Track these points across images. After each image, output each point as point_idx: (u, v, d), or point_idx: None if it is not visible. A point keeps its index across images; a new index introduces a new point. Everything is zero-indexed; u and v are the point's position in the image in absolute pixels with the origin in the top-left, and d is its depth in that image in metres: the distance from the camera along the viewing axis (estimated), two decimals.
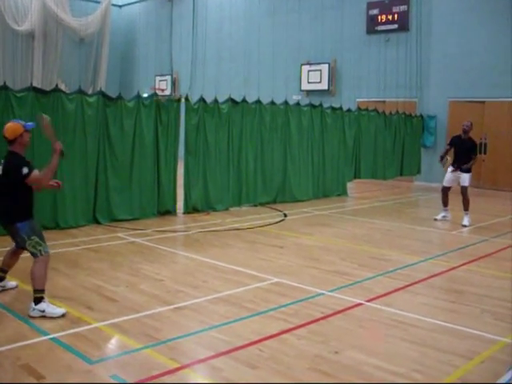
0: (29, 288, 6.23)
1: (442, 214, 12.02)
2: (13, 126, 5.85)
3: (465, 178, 11.60)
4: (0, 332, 5.19)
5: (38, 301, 5.59)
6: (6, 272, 6.34)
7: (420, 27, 19.39)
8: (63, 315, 5.55)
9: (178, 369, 4.48)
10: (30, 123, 6.08)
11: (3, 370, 4.44)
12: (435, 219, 12.00)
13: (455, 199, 12.16)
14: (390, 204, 14.85)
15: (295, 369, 4.55)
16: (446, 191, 11.94)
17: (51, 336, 5.07)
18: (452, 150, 11.83)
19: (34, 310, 5.56)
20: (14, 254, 6.28)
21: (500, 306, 6.36)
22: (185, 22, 27.02)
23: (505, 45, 17.28)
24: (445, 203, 11.96)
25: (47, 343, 4.94)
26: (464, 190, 11.56)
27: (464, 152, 11.57)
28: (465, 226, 11.35)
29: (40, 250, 5.76)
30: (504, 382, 4.36)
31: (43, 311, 5.54)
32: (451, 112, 18.94)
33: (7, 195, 5.79)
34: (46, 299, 5.65)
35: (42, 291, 5.66)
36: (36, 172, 5.78)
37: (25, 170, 5.69)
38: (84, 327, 5.32)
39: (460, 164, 11.59)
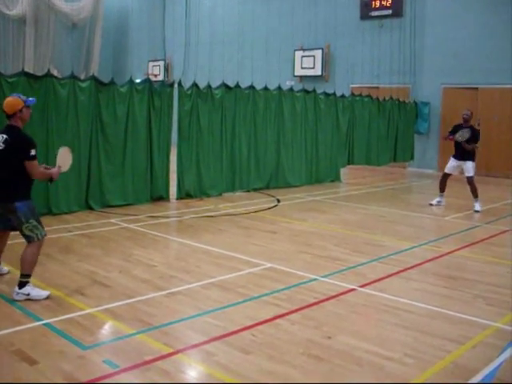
0: (14, 271, 6.24)
1: (437, 199, 12.06)
2: (12, 101, 5.69)
3: (469, 168, 11.61)
4: None
5: (22, 285, 5.57)
6: None
7: (414, 13, 19.33)
8: (48, 297, 5.59)
9: (171, 354, 4.49)
10: (31, 98, 5.92)
11: None
12: (430, 204, 12.04)
13: (452, 186, 12.16)
14: (384, 190, 14.87)
15: (288, 353, 4.56)
16: (445, 177, 11.98)
17: (44, 322, 5.06)
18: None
19: (18, 293, 5.55)
20: (2, 237, 6.14)
21: (492, 291, 6.38)
22: (178, 6, 26.81)
23: (499, 31, 17.25)
24: (442, 189, 12.00)
25: (40, 329, 4.93)
26: (470, 179, 11.59)
27: (466, 141, 11.57)
28: (477, 211, 11.39)
29: (37, 234, 5.67)
30: (494, 367, 4.40)
31: (28, 294, 5.53)
32: (445, 98, 18.95)
33: (7, 170, 5.59)
34: (31, 283, 5.64)
35: (29, 276, 5.63)
36: (36, 162, 5.66)
37: (32, 152, 5.56)
38: (77, 313, 5.31)
39: (462, 153, 11.61)
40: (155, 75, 26.61)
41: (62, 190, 9.87)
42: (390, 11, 19.96)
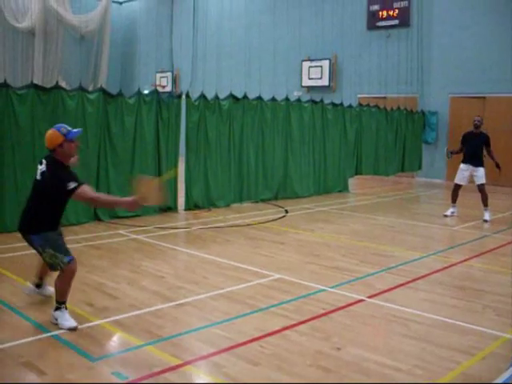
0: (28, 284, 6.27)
1: (451, 210, 12.00)
2: (51, 135, 5.36)
3: (480, 176, 11.60)
4: (2, 329, 5.20)
5: (56, 308, 5.35)
6: (41, 279, 6.00)
7: (421, 23, 19.37)
8: (72, 329, 5.17)
9: (179, 365, 4.48)
10: (74, 130, 5.48)
11: (5, 367, 4.44)
12: (445, 215, 11.95)
13: (460, 195, 12.10)
14: (392, 200, 14.84)
15: (297, 365, 4.55)
16: (457, 189, 11.94)
17: (53, 333, 5.07)
18: (463, 147, 11.88)
19: (52, 315, 5.36)
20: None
21: (502, 301, 6.34)
22: (185, 18, 27.00)
23: (506, 40, 17.25)
24: (454, 200, 11.97)
25: (49, 340, 4.95)
26: (482, 187, 11.55)
27: (477, 146, 11.58)
28: (486, 220, 11.36)
29: (58, 263, 5.32)
30: (505, 379, 4.36)
31: (56, 319, 5.30)
32: (452, 108, 18.95)
33: (37, 201, 5.35)
34: (64, 309, 5.33)
35: (62, 303, 5.35)
36: (85, 188, 5.26)
37: (71, 185, 5.16)
38: (86, 324, 5.32)
39: (474, 160, 11.61)
40: (163, 86, 26.77)
41: (70, 202, 9.84)
42: (397, 21, 20.01)
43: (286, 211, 12.21)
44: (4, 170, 9.21)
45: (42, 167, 5.36)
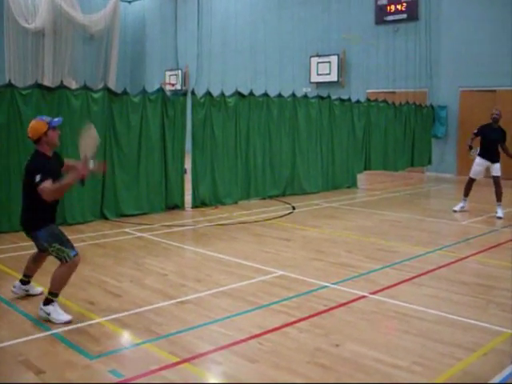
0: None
1: (461, 205, 11.84)
2: (35, 125, 5.39)
3: (497, 168, 11.47)
4: (3, 328, 5.22)
5: (47, 302, 5.34)
6: (29, 277, 6.02)
7: (429, 16, 19.20)
8: (67, 322, 5.24)
9: (177, 363, 4.47)
10: (56, 119, 5.58)
11: (4, 365, 4.47)
12: (454, 211, 11.82)
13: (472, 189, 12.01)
14: (401, 195, 14.76)
15: (294, 362, 4.52)
16: (471, 182, 11.78)
17: (53, 332, 5.08)
18: (479, 140, 11.69)
19: (40, 309, 5.35)
20: (37, 259, 5.95)
21: (507, 296, 6.27)
22: (191, 15, 26.97)
23: None
24: (466, 194, 11.82)
25: (49, 339, 4.96)
26: (497, 179, 11.42)
27: (496, 141, 11.45)
28: (500, 217, 11.13)
29: (64, 257, 5.36)
30: (504, 376, 4.31)
31: (48, 314, 5.28)
32: (462, 102, 18.77)
33: (27, 197, 5.46)
34: (56, 303, 5.36)
35: (56, 295, 5.37)
36: (48, 183, 5.20)
37: (37, 178, 5.19)
38: (86, 322, 5.32)
39: (491, 154, 11.48)
40: (172, 84, 26.79)
41: (76, 201, 9.92)
42: (405, 15, 19.85)
43: (294, 208, 12.17)
44: (10, 170, 9.25)
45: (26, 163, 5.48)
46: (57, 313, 5.30)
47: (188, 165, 11.92)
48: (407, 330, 5.22)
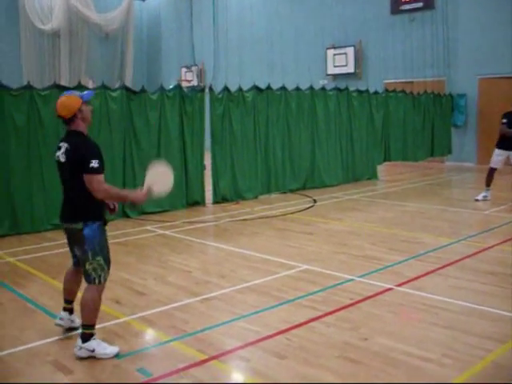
0: (55, 283, 6.31)
1: (483, 194, 11.71)
2: (67, 101, 4.58)
3: None
4: (30, 328, 5.24)
5: (86, 338, 4.57)
6: (71, 302, 5.10)
7: (446, 4, 18.96)
8: (116, 355, 4.57)
9: (205, 360, 4.46)
10: (87, 92, 4.89)
11: (32, 365, 4.48)
12: (476, 200, 11.69)
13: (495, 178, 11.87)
14: (422, 186, 14.63)
15: (324, 357, 4.49)
16: (492, 172, 11.65)
17: (80, 331, 5.08)
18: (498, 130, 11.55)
19: (80, 348, 4.55)
20: (75, 277, 5.02)
21: None
22: (206, 11, 26.93)
23: None
24: (488, 184, 11.70)
25: (76, 338, 4.95)
26: None
27: None
28: None
29: (100, 276, 4.62)
30: None
31: (93, 351, 4.53)
32: (481, 89, 18.54)
33: (75, 188, 4.60)
34: (96, 336, 4.65)
35: (92, 327, 4.62)
36: (101, 177, 4.54)
37: (93, 163, 4.45)
38: (112, 321, 5.34)
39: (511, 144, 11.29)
40: (188, 81, 26.78)
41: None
42: (421, 4, 19.62)
43: (315, 201, 12.12)
44: (31, 171, 9.29)
45: (63, 146, 4.61)
46: (102, 347, 4.58)
47: (207, 161, 11.92)
48: (435, 322, 5.16)
